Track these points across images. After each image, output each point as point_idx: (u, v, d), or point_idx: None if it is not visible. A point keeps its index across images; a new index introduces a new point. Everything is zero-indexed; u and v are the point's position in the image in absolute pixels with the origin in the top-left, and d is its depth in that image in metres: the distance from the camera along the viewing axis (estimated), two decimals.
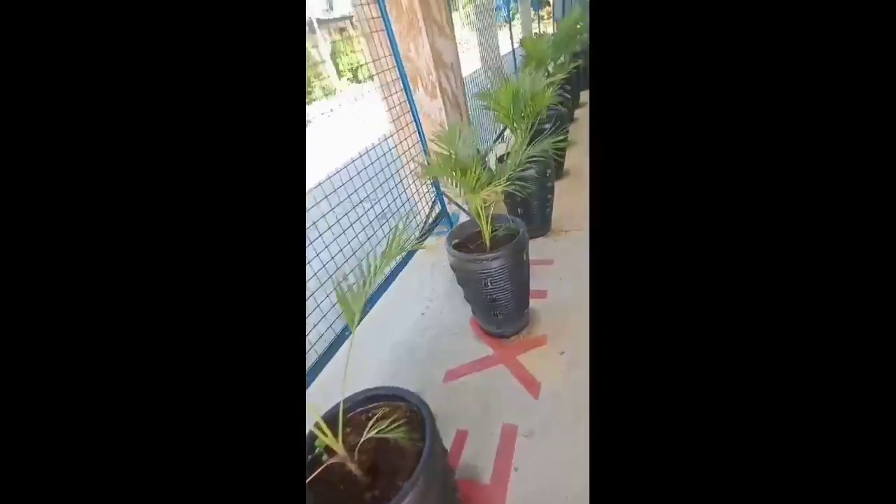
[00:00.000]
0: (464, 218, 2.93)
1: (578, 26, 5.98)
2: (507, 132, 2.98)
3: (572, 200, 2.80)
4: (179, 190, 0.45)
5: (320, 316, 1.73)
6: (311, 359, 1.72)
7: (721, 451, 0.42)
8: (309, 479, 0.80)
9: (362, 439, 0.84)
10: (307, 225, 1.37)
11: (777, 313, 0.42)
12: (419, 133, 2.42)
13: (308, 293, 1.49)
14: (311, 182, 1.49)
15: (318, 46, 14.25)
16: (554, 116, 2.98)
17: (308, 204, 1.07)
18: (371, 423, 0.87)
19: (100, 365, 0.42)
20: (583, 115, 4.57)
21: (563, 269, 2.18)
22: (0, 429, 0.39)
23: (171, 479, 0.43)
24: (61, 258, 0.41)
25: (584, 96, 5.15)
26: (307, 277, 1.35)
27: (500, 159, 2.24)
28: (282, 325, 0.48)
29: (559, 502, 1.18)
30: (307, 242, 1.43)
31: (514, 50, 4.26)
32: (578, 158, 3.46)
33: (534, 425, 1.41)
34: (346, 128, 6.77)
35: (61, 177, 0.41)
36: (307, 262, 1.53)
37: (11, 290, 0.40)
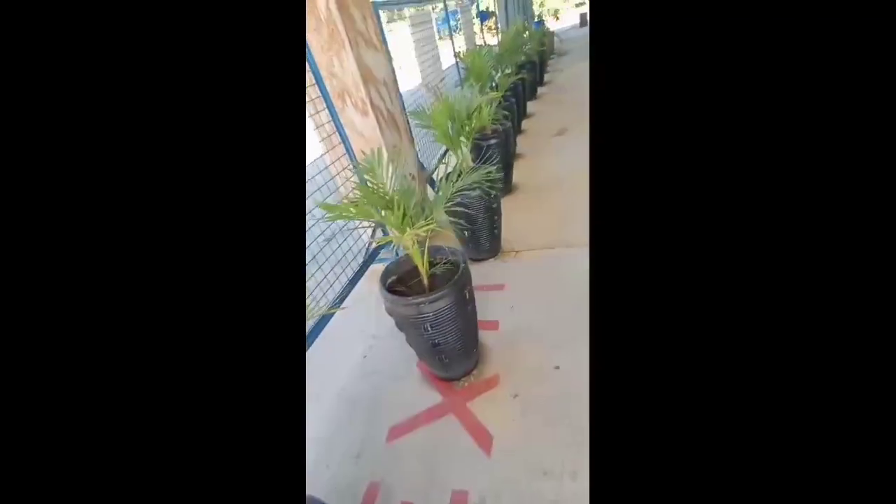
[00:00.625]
0: None
1: (525, 35, 6.06)
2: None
3: (522, 218, 2.69)
4: (174, 189, 0.45)
5: None
6: None
7: (719, 466, 0.42)
8: None
9: None
10: None
11: (782, 336, 0.41)
12: (349, 154, 2.21)
13: None
14: None
15: None
16: (501, 129, 2.89)
17: None
18: None
19: (96, 357, 0.42)
20: (531, 125, 4.56)
21: (514, 294, 2.05)
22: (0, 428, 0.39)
23: (170, 479, 0.42)
24: (60, 257, 0.41)
25: (532, 107, 5.16)
26: None
27: (431, 182, 2.09)
28: (282, 325, 0.48)
29: None
30: None
31: (457, 63, 4.17)
32: (528, 172, 3.39)
33: (485, 489, 1.24)
34: None
35: (61, 176, 0.41)
36: None
37: (11, 290, 0.40)
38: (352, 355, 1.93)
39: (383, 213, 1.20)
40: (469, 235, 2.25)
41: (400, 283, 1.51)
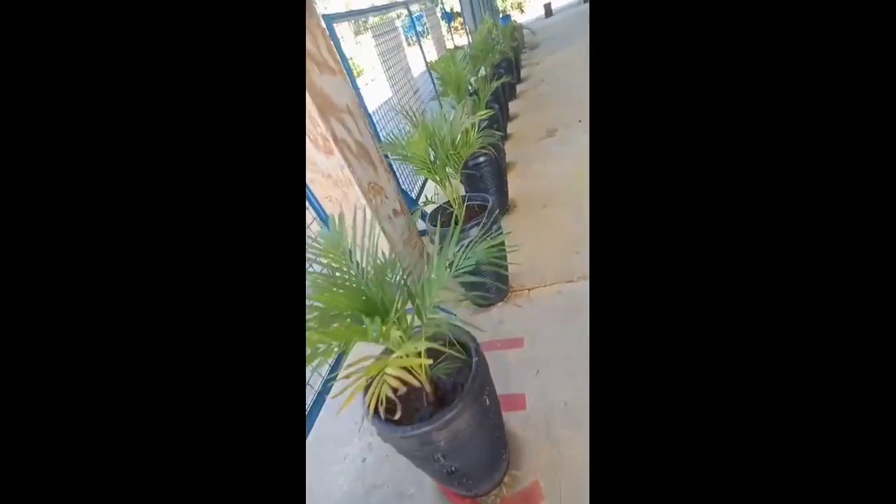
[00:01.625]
0: None
1: (493, 34, 5.72)
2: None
3: (527, 243, 2.32)
4: (172, 190, 0.45)
5: None
6: None
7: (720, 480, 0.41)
8: None
9: None
10: None
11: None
12: (314, 209, 1.82)
13: None
14: None
15: None
16: (491, 145, 2.52)
17: None
18: None
19: (100, 362, 0.42)
20: (517, 128, 4.20)
21: (537, 350, 1.67)
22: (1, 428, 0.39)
23: (169, 480, 0.42)
24: (63, 259, 0.41)
25: (514, 107, 4.80)
26: None
27: (423, 215, 1.71)
28: (281, 324, 0.48)
29: None
30: None
31: (429, 70, 3.80)
32: (523, 184, 3.03)
33: None
34: None
35: (62, 178, 0.41)
36: None
37: (11, 290, 0.40)
38: (348, 460, 1.54)
39: (364, 318, 0.81)
40: (471, 285, 1.87)
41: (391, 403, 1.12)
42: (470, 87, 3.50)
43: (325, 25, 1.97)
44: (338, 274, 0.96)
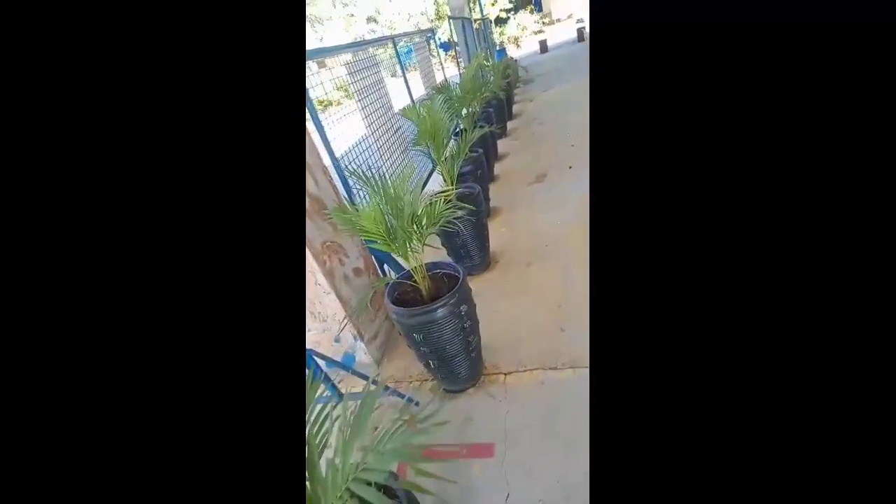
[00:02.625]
0: (361, 357, 2.07)
1: (488, 65, 5.63)
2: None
3: (506, 310, 2.05)
4: (172, 190, 0.45)
5: None
6: None
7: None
8: None
9: None
10: None
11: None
12: None
13: None
14: None
15: None
16: (470, 195, 2.29)
17: None
18: None
19: (101, 362, 0.42)
20: (504, 170, 4.01)
21: (509, 461, 1.37)
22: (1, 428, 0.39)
23: (170, 477, 0.42)
24: (64, 258, 0.42)
25: (503, 145, 4.64)
26: None
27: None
28: (281, 324, 0.48)
29: None
30: None
31: (413, 103, 3.61)
32: (506, 235, 2.79)
33: None
34: None
35: (63, 177, 0.42)
36: None
37: (12, 290, 0.40)
38: None
39: None
40: (437, 365, 1.59)
41: None
42: (455, 128, 3.31)
43: None
44: None
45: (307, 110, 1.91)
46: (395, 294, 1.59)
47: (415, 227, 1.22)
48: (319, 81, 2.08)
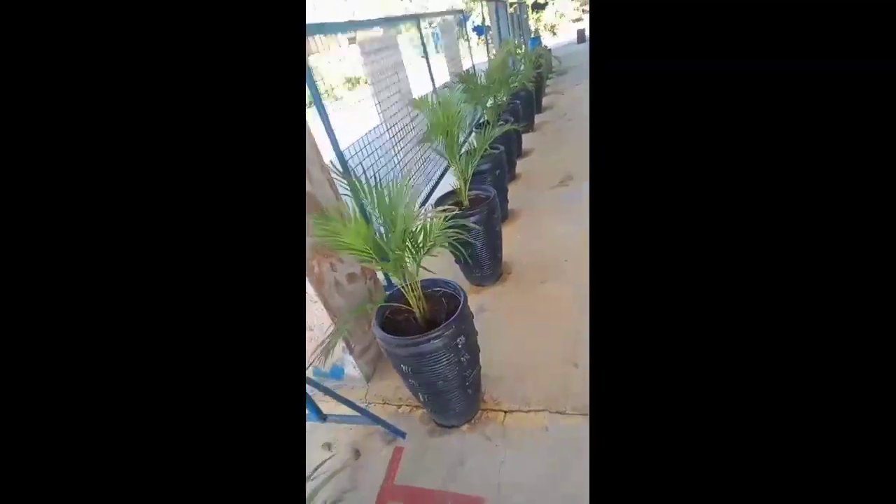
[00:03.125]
0: (350, 371, 1.90)
1: (519, 54, 5.26)
2: None
3: (513, 331, 1.83)
4: (173, 191, 0.44)
5: None
6: None
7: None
8: None
9: None
10: None
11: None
12: None
13: None
14: None
15: None
16: (485, 199, 2.05)
17: None
18: None
19: (101, 362, 0.42)
20: (527, 168, 3.73)
21: None
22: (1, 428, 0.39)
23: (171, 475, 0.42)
24: (63, 260, 0.41)
25: (529, 140, 4.34)
26: None
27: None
28: (281, 324, 0.48)
29: None
30: None
31: (435, 90, 3.36)
32: (522, 242, 2.55)
33: None
34: None
35: (61, 178, 0.41)
36: None
37: (12, 290, 0.39)
38: None
39: None
40: (427, 399, 1.39)
41: None
42: (476, 121, 3.04)
43: None
44: None
45: (311, 95, 1.70)
46: (385, 314, 1.39)
47: (409, 245, 1.02)
48: (342, 57, 1.86)
